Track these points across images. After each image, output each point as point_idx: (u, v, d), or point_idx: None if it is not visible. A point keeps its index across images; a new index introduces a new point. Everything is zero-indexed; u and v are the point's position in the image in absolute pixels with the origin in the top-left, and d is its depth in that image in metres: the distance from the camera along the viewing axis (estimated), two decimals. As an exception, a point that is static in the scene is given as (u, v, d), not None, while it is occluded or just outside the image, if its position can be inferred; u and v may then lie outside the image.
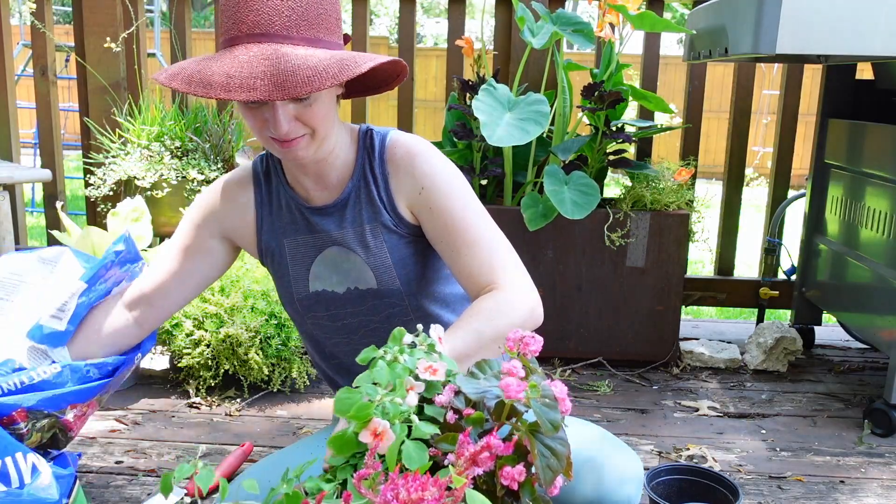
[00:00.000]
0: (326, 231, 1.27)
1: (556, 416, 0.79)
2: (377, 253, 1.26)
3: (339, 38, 1.13)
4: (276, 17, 1.05)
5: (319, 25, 1.07)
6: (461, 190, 1.23)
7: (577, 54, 8.22)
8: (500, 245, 1.23)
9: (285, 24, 1.05)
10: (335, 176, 1.25)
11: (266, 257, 1.34)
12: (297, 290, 1.32)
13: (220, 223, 1.33)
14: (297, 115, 1.11)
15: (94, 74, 2.61)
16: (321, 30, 1.08)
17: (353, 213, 1.26)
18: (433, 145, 1.28)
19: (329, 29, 1.09)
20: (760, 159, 8.79)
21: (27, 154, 4.91)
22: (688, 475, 1.59)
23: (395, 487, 0.70)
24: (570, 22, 2.36)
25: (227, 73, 1.01)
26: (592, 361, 2.48)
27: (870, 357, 2.64)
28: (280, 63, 1.01)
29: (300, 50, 1.04)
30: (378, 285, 1.28)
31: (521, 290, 1.19)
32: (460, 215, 1.21)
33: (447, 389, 0.84)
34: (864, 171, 2.24)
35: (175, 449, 1.87)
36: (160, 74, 1.07)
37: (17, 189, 2.72)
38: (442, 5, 19.00)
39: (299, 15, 1.05)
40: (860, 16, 1.73)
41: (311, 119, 1.12)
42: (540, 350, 0.84)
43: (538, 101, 2.19)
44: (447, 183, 1.23)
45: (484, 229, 1.22)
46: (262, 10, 1.04)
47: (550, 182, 2.20)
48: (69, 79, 4.62)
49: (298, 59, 1.02)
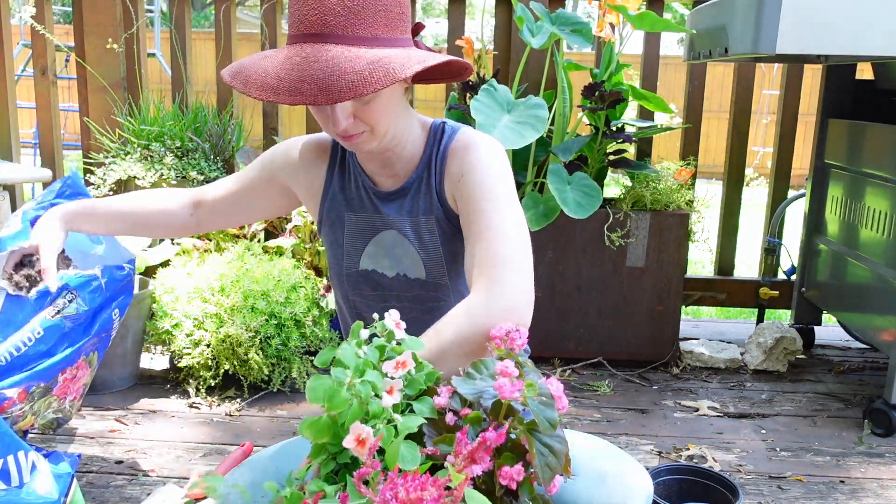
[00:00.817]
0: (387, 215, 1.29)
1: (553, 414, 0.78)
2: (430, 246, 1.27)
3: (402, 32, 1.11)
4: (330, 16, 1.04)
5: (377, 22, 1.06)
6: (497, 186, 1.19)
7: (577, 54, 8.22)
8: (504, 244, 1.14)
9: (341, 23, 1.04)
10: (401, 166, 1.26)
11: (325, 225, 1.36)
12: (347, 264, 1.34)
13: (289, 177, 1.36)
14: (355, 113, 1.12)
15: (95, 74, 2.61)
16: (379, 27, 1.07)
17: (412, 203, 1.27)
18: (501, 148, 1.25)
19: (390, 24, 1.08)
20: (760, 159, 8.79)
21: (27, 154, 4.91)
22: (688, 475, 1.59)
23: (394, 487, 0.70)
24: (568, 22, 2.36)
25: (279, 75, 1.02)
26: (592, 361, 2.48)
27: (870, 357, 2.64)
28: (327, 67, 1.01)
29: (353, 51, 1.03)
30: (427, 277, 1.28)
31: (496, 292, 1.09)
32: (482, 206, 1.17)
33: (444, 391, 0.84)
34: (863, 171, 2.24)
35: (175, 449, 1.87)
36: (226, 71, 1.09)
37: (17, 189, 2.72)
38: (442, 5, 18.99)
39: (355, 13, 1.04)
40: (860, 16, 1.73)
41: (368, 117, 1.12)
42: (525, 343, 0.83)
43: (537, 106, 2.19)
44: (486, 175, 1.19)
45: (497, 224, 1.15)
46: (317, 9, 1.04)
47: (554, 181, 2.20)
48: (69, 79, 4.62)
49: (347, 62, 1.01)
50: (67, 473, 1.42)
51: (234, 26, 2.71)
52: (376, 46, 1.06)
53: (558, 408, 0.80)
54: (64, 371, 1.44)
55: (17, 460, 1.30)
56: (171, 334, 2.12)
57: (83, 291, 1.46)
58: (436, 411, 0.84)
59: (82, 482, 1.69)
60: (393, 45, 1.08)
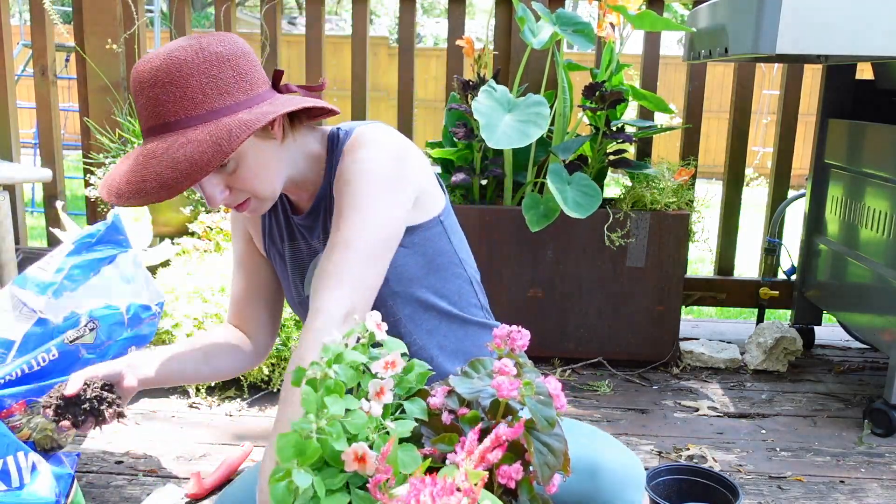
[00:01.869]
0: (310, 239, 1.25)
1: (551, 412, 0.78)
2: None
3: (246, 93, 1.04)
4: (158, 107, 1.01)
5: (208, 96, 1.01)
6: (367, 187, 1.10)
7: (577, 54, 8.22)
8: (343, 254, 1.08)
9: (170, 110, 1.01)
10: (310, 189, 1.22)
11: (272, 260, 1.33)
12: (296, 293, 1.31)
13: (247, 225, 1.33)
14: (227, 184, 1.07)
15: (96, 73, 2.61)
16: (213, 98, 1.02)
17: (325, 218, 1.22)
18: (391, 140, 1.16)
19: (227, 91, 1.02)
20: (760, 159, 8.79)
21: (27, 154, 4.90)
22: (688, 475, 1.59)
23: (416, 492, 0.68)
24: (570, 22, 2.36)
25: (128, 179, 1.01)
26: (592, 361, 2.48)
27: (870, 357, 2.64)
28: (161, 162, 0.98)
29: (189, 134, 0.99)
30: None
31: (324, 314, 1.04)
32: (344, 213, 1.10)
33: (440, 390, 0.83)
34: (863, 171, 2.24)
35: (175, 449, 1.87)
36: (106, 194, 1.05)
37: (17, 189, 2.72)
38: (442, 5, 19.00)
39: (180, 97, 1.00)
40: (860, 16, 1.73)
41: (242, 184, 1.07)
42: (527, 344, 0.82)
43: (538, 103, 2.19)
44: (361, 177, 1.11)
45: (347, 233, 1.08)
46: (146, 105, 1.02)
47: (554, 181, 2.20)
48: (69, 79, 4.62)
49: (177, 151, 0.98)
50: (67, 474, 1.42)
51: (234, 26, 2.71)
52: (218, 118, 1.01)
53: (557, 406, 0.80)
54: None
55: (17, 461, 1.30)
56: (171, 334, 2.11)
57: (105, 323, 1.47)
58: (427, 412, 0.83)
59: (82, 482, 1.69)
60: (237, 110, 1.03)
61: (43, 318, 1.41)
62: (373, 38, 10.62)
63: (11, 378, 1.36)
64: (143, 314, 1.55)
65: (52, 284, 1.44)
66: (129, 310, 1.52)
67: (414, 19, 2.72)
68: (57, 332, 1.41)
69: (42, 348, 1.39)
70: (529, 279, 2.40)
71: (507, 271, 2.39)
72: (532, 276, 2.40)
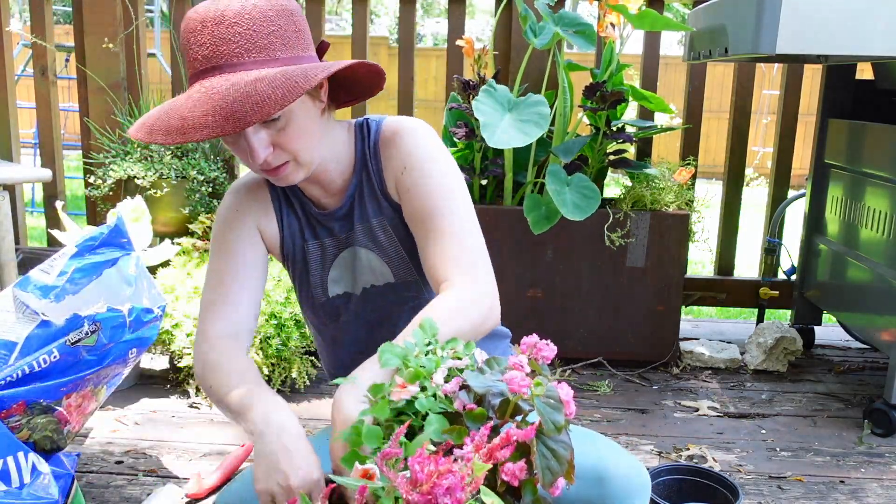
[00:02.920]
0: (338, 235, 1.26)
1: (559, 417, 0.78)
2: (388, 247, 1.24)
3: (303, 50, 1.07)
4: (223, 45, 1.01)
5: (272, 44, 1.03)
6: (445, 175, 1.17)
7: (577, 54, 8.22)
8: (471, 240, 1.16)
9: (234, 50, 1.01)
10: (339, 181, 1.23)
11: (288, 260, 1.32)
12: (317, 294, 1.30)
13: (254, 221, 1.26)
14: (273, 142, 1.08)
15: (96, 73, 2.61)
16: (275, 48, 1.03)
17: (359, 211, 1.23)
18: (430, 128, 1.22)
19: (287, 44, 1.05)
20: (760, 159, 8.79)
21: (27, 154, 4.90)
22: (688, 475, 1.60)
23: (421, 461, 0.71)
24: (572, 23, 2.36)
25: (182, 115, 0.99)
26: (592, 361, 2.48)
27: (870, 357, 2.64)
28: (229, 94, 0.98)
29: (252, 74, 1.00)
30: (396, 279, 1.26)
31: (480, 289, 1.11)
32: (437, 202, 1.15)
33: (453, 381, 0.84)
34: (863, 171, 2.24)
35: (175, 449, 1.87)
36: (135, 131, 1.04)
37: (17, 189, 2.72)
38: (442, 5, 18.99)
39: (247, 38, 1.01)
40: (860, 16, 1.73)
41: (288, 143, 1.08)
42: (551, 357, 0.84)
43: (538, 103, 2.19)
44: (430, 163, 1.17)
45: (459, 221, 1.15)
46: (208, 43, 1.02)
47: (553, 182, 2.20)
48: (69, 79, 4.61)
49: (248, 85, 0.98)
50: (67, 474, 1.42)
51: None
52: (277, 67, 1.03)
53: (567, 413, 0.80)
54: (69, 395, 1.44)
55: (17, 461, 1.30)
56: (171, 334, 2.11)
57: (107, 326, 1.47)
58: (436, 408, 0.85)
59: (82, 482, 1.69)
60: (294, 63, 1.05)
61: (46, 321, 1.40)
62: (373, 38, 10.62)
63: (12, 379, 1.36)
64: (144, 317, 1.55)
65: (55, 288, 1.44)
66: (130, 312, 1.52)
67: (414, 19, 2.72)
68: (59, 334, 1.41)
69: (43, 350, 1.39)
70: (529, 279, 2.40)
71: (507, 271, 2.39)
72: (532, 276, 2.40)
